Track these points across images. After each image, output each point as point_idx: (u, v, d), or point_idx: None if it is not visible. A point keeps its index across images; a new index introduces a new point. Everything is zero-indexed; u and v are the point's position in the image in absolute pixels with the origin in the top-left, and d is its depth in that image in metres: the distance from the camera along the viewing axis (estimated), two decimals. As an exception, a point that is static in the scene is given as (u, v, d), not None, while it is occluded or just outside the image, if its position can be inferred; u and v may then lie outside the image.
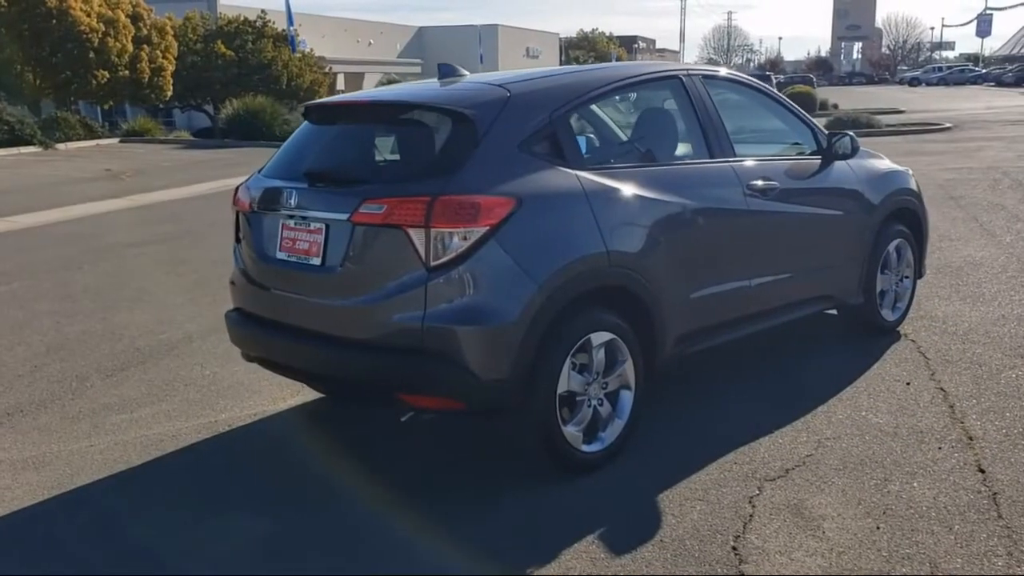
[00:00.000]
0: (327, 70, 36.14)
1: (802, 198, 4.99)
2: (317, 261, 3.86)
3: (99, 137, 25.84)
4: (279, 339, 4.06)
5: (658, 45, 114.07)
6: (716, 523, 3.50)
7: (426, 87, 4.33)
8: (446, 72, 4.39)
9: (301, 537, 3.56)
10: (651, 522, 3.54)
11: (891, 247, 5.66)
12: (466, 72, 4.46)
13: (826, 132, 5.34)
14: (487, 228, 3.55)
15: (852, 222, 5.34)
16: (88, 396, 5.35)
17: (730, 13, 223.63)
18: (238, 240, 4.45)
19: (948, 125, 24.34)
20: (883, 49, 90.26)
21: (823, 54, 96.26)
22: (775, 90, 5.30)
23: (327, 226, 3.83)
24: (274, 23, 34.05)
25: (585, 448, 3.94)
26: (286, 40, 33.19)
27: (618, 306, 3.99)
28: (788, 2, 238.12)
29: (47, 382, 5.62)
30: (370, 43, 60.45)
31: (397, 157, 4.07)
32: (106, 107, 30.57)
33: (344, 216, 3.71)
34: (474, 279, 3.56)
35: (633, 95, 4.55)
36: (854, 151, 5.17)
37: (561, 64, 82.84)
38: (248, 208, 4.25)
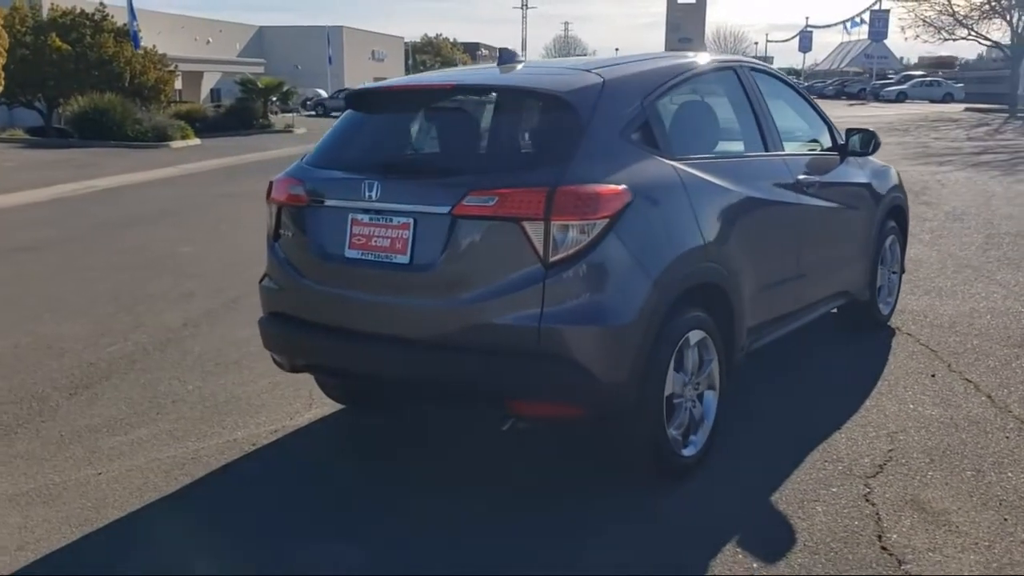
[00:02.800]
0: (172, 68, 34.28)
1: (832, 193, 5.00)
2: (403, 259, 3.49)
3: (-82, 135, 23.41)
4: (350, 345, 3.65)
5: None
6: (847, 523, 3.39)
7: (502, 71, 4.01)
8: (507, 58, 4.10)
9: (421, 560, 3.21)
10: (781, 526, 3.40)
11: (887, 243, 5.79)
12: (523, 58, 4.18)
13: (839, 129, 5.39)
14: (607, 221, 3.31)
15: (865, 217, 5.42)
16: (61, 418, 4.70)
17: (566, 24, 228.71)
18: (276, 237, 3.99)
19: (800, 133, 25.59)
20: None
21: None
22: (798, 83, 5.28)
23: (415, 220, 3.48)
24: (113, 17, 31.93)
25: (684, 452, 3.76)
26: (128, 35, 31.20)
27: (707, 303, 3.83)
28: (623, 14, 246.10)
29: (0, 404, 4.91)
30: (208, 41, 58.07)
31: (489, 144, 3.75)
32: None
33: (443, 209, 3.37)
34: (594, 275, 3.31)
35: (700, 85, 4.40)
36: (875, 148, 5.22)
37: (408, 69, 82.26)
38: (301, 201, 3.80)
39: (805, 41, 73.52)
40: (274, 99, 35.52)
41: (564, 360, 3.29)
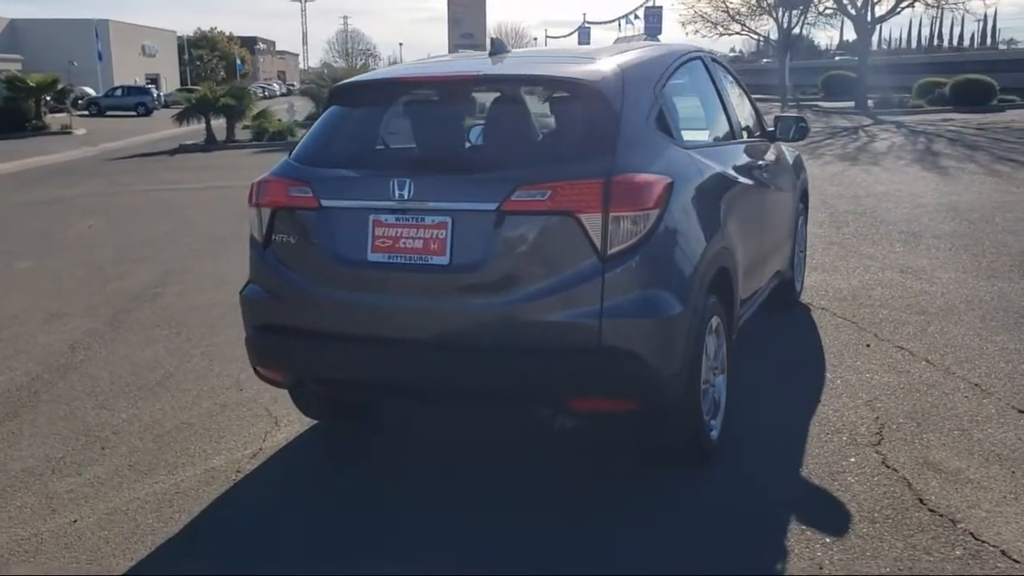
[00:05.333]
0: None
1: (774, 176, 5.20)
2: (442, 260, 3.29)
3: None
4: (381, 354, 3.40)
5: (279, 47, 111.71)
6: (885, 491, 3.53)
7: (498, 60, 3.83)
8: (499, 47, 3.94)
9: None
10: (828, 500, 3.49)
11: (799, 223, 6.11)
12: (510, 48, 4.04)
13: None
14: (658, 210, 3.27)
15: (791, 199, 5.69)
16: (-15, 463, 4.11)
17: (346, 18, 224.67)
18: (268, 244, 3.65)
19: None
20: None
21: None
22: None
23: (452, 219, 3.28)
24: None
25: (712, 435, 3.80)
26: None
27: (718, 287, 3.87)
28: (402, 9, 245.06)
29: (-102, 453, 4.22)
30: (-49, 36, 52.75)
31: (525, 137, 3.56)
32: None
33: (490, 206, 3.20)
34: (649, 266, 3.26)
35: (684, 75, 4.41)
36: (802, 134, 5.44)
37: (183, 64, 78.17)
38: (308, 204, 3.49)
39: (584, 37, 75.96)
40: (48, 98, 32.68)
41: (625, 354, 3.22)
